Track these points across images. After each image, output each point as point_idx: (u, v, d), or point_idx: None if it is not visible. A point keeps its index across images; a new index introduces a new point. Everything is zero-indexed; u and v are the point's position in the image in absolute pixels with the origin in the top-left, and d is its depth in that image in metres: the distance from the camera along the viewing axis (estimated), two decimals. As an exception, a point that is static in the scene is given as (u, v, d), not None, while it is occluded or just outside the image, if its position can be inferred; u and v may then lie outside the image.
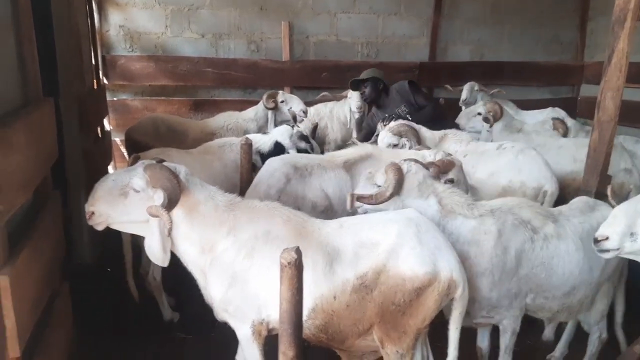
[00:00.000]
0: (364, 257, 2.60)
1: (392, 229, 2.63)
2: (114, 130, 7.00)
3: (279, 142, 4.64)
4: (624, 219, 2.66)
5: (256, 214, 2.79)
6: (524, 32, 8.68)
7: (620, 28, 3.61)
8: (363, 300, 2.61)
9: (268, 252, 2.65)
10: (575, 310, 3.30)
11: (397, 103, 5.51)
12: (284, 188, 3.79)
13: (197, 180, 2.82)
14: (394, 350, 2.65)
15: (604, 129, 3.81)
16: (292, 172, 3.87)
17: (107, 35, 6.93)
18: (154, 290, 4.25)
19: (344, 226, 2.75)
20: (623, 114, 3.86)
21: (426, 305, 2.57)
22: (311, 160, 4.10)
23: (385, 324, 2.61)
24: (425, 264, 2.54)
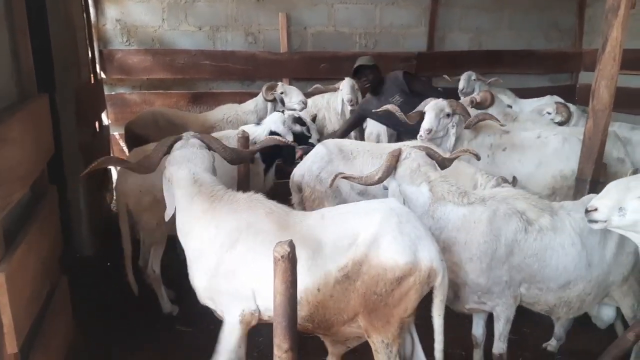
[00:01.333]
0: (345, 249, 2.63)
1: (374, 220, 2.65)
2: (112, 124, 7.01)
3: (273, 131, 4.65)
4: (615, 194, 2.73)
5: (238, 205, 2.83)
6: (522, 19, 8.65)
7: (614, 16, 3.60)
8: (347, 291, 2.65)
9: (252, 244, 2.71)
10: (575, 306, 3.28)
11: (392, 92, 5.49)
12: (325, 166, 4.30)
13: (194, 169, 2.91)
14: (379, 339, 2.69)
15: (599, 117, 3.82)
16: (335, 153, 4.36)
17: (104, 29, 6.91)
18: (153, 283, 4.30)
19: (325, 217, 2.78)
20: (620, 101, 3.88)
21: (408, 294, 2.60)
22: (361, 146, 4.54)
23: (369, 313, 2.65)
24: (406, 253, 2.57)
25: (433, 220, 3.13)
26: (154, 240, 4.24)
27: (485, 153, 4.56)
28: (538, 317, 4.15)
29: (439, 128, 4.49)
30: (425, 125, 4.48)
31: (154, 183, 4.02)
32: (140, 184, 4.04)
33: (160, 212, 4.09)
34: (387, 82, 5.55)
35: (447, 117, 4.51)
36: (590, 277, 3.18)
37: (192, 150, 2.97)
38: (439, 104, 4.54)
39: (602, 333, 3.84)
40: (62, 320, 3.30)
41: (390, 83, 5.50)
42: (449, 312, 3.42)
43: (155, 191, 4.05)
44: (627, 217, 2.68)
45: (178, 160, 2.93)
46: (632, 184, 2.71)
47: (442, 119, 4.50)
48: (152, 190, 4.05)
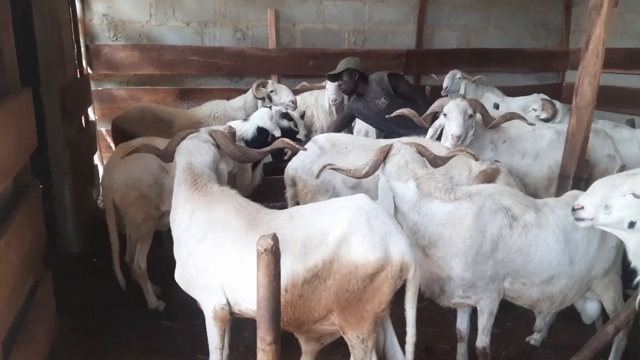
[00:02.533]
0: (314, 249, 2.62)
1: (343, 218, 2.64)
2: (99, 120, 6.97)
3: (261, 127, 4.64)
4: (601, 192, 2.72)
5: (211, 198, 2.86)
6: (510, 18, 8.73)
7: (597, 14, 3.64)
8: (317, 290, 2.64)
9: (220, 239, 2.74)
10: (557, 301, 3.33)
11: (378, 94, 5.46)
12: (317, 160, 4.32)
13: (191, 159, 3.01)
14: (354, 335, 2.69)
15: (582, 114, 3.86)
16: (328, 147, 4.40)
17: (91, 24, 6.87)
18: (139, 278, 4.29)
19: (294, 217, 2.77)
20: (606, 99, 3.92)
21: (381, 289, 2.60)
22: (356, 140, 4.58)
23: (342, 310, 2.64)
24: (377, 250, 2.57)
25: (419, 215, 3.14)
26: (140, 236, 4.23)
27: (489, 147, 4.65)
28: (522, 312, 4.20)
29: (464, 132, 4.34)
30: (455, 132, 4.28)
31: (140, 178, 4.07)
32: (127, 179, 4.05)
33: (147, 207, 4.15)
34: (372, 83, 5.52)
35: (469, 118, 4.40)
36: (572, 272, 3.22)
37: (195, 142, 3.08)
38: (461, 106, 4.36)
39: (584, 327, 3.88)
40: (45, 316, 3.28)
41: (376, 84, 5.47)
42: (434, 307, 3.47)
43: (141, 186, 4.08)
44: (613, 215, 2.68)
45: (181, 150, 3.07)
46: (617, 181, 2.71)
47: (466, 121, 4.38)
48: (138, 186, 4.07)
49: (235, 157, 3.23)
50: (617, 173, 3.00)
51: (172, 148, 3.14)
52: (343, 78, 5.57)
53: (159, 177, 4.15)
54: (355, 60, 5.61)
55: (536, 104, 6.09)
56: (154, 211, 4.21)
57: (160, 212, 4.23)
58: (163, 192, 4.16)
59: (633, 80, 7.54)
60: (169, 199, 4.08)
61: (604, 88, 4.03)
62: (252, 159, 3.52)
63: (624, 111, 7.30)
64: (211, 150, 3.09)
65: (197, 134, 3.15)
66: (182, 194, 2.92)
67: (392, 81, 5.41)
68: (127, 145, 4.23)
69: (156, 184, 4.14)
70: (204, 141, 3.09)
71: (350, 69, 5.51)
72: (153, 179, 4.12)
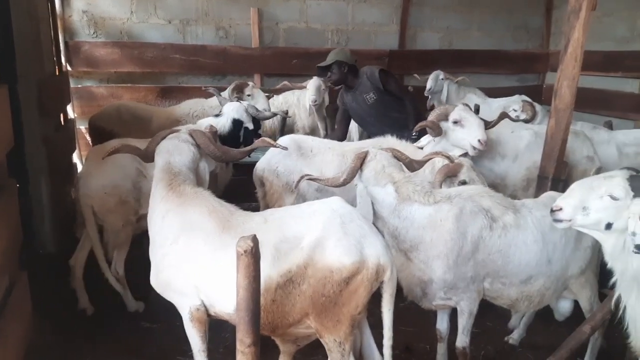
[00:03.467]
0: (288, 253, 2.60)
1: (317, 222, 2.63)
2: (78, 118, 6.87)
3: (237, 119, 4.60)
4: (579, 193, 2.74)
5: (185, 199, 2.84)
6: (492, 20, 8.81)
7: (576, 18, 3.69)
8: (291, 295, 2.62)
9: (192, 241, 2.73)
10: (536, 300, 3.37)
11: (367, 89, 5.44)
12: (282, 160, 4.34)
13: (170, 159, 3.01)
14: (331, 339, 2.67)
15: (561, 116, 3.91)
16: (294, 148, 4.37)
17: (70, 21, 6.77)
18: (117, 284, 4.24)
19: (268, 220, 2.74)
20: (585, 101, 3.97)
21: (357, 292, 2.59)
22: (322, 143, 4.58)
23: (318, 314, 2.63)
24: (352, 253, 2.55)
25: (399, 219, 3.15)
26: (118, 242, 4.19)
27: None
28: (501, 312, 4.25)
29: None
30: (484, 136, 4.20)
31: (119, 184, 4.02)
32: (105, 185, 3.98)
33: (126, 212, 4.11)
34: (362, 76, 5.47)
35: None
36: (550, 272, 3.27)
37: (175, 142, 3.06)
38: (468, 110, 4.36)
39: (561, 327, 3.94)
40: (21, 316, 3.22)
41: (366, 78, 5.43)
42: (414, 307, 3.48)
43: (120, 192, 4.03)
44: (591, 217, 2.70)
45: (161, 150, 3.05)
46: (594, 183, 2.74)
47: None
48: (117, 192, 4.01)
49: (216, 157, 3.22)
50: (594, 175, 3.03)
51: (152, 148, 3.10)
52: (332, 70, 5.54)
53: (137, 182, 4.09)
54: (344, 52, 5.56)
55: (516, 105, 6.15)
56: (133, 216, 4.16)
57: (138, 216, 4.18)
58: (141, 197, 4.10)
59: (611, 82, 7.67)
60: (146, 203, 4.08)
61: (582, 90, 4.08)
62: (233, 158, 3.51)
63: (603, 113, 7.44)
64: (190, 150, 3.07)
65: (177, 134, 3.12)
66: (158, 193, 2.91)
67: (382, 77, 5.38)
68: (100, 149, 4.17)
69: (134, 188, 4.08)
70: (184, 141, 3.08)
71: (339, 61, 5.47)
72: (131, 184, 4.07)
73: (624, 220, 2.58)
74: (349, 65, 5.50)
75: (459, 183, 3.75)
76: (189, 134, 3.15)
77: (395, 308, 2.77)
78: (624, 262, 2.65)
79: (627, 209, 2.56)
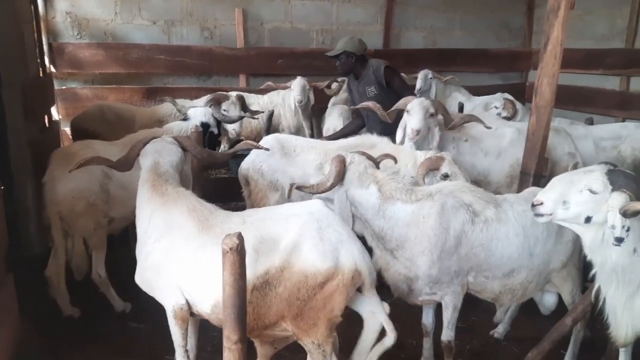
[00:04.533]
0: (265, 255, 2.62)
1: (294, 226, 2.65)
2: (63, 119, 6.82)
3: (205, 122, 4.72)
4: (559, 188, 2.80)
5: (167, 199, 2.87)
6: (474, 19, 8.91)
7: (555, 17, 3.75)
8: (267, 297, 2.63)
9: (173, 240, 2.76)
10: (519, 294, 3.44)
11: (370, 82, 5.43)
12: (266, 160, 4.38)
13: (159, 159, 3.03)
14: (309, 341, 2.69)
15: (541, 113, 3.97)
16: (277, 147, 4.41)
17: (54, 22, 6.73)
18: (101, 286, 4.24)
19: (246, 222, 2.76)
20: (566, 98, 4.02)
21: (332, 297, 2.61)
22: (305, 142, 4.61)
23: (294, 317, 2.65)
24: (327, 259, 2.57)
25: (384, 220, 3.19)
26: (94, 244, 4.17)
27: (451, 145, 4.71)
28: (486, 306, 4.32)
29: (424, 128, 4.43)
30: (415, 126, 4.36)
31: (86, 187, 3.96)
32: (72, 190, 3.93)
33: (96, 216, 4.06)
34: (369, 68, 5.45)
35: (431, 117, 4.47)
36: (532, 265, 3.34)
37: (163, 144, 3.11)
38: (424, 104, 4.44)
39: (545, 320, 4.00)
40: (8, 318, 3.22)
41: (372, 71, 5.43)
42: (400, 303, 3.51)
43: (88, 195, 3.97)
44: (571, 210, 2.75)
45: (148, 152, 3.07)
46: (574, 178, 2.80)
47: (427, 119, 4.44)
48: (85, 195, 3.96)
49: (203, 159, 3.28)
50: (571, 170, 3.10)
51: (133, 154, 3.10)
52: (340, 59, 5.57)
53: (104, 184, 4.04)
54: (353, 42, 5.54)
55: (498, 102, 6.23)
56: (103, 219, 4.13)
57: (108, 219, 4.16)
58: (109, 199, 4.08)
59: (593, 80, 7.79)
60: (117, 206, 4.09)
61: (563, 88, 4.15)
62: (218, 160, 3.57)
63: (585, 110, 7.56)
64: (179, 151, 3.12)
65: (162, 138, 3.16)
66: (145, 194, 2.93)
67: (387, 74, 5.37)
68: (64, 152, 4.17)
69: (102, 191, 4.04)
70: (171, 143, 3.12)
71: (348, 51, 5.49)
72: (99, 186, 4.02)
73: (603, 213, 2.64)
74: (357, 55, 5.51)
75: (442, 176, 3.82)
76: (174, 139, 3.19)
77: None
78: (603, 254, 2.72)
79: (605, 203, 2.63)
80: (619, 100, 7.38)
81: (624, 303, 2.78)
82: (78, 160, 3.44)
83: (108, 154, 3.42)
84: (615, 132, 5.53)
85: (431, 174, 3.87)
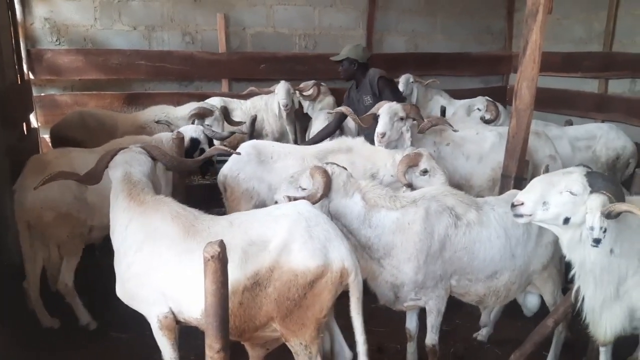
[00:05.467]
0: (254, 256, 2.62)
1: (283, 226, 2.66)
2: (42, 126, 6.73)
3: (195, 138, 4.67)
4: (539, 189, 2.82)
5: (147, 207, 2.83)
6: (455, 23, 8.98)
7: (533, 21, 3.80)
8: (257, 297, 2.64)
9: (157, 247, 2.72)
10: (502, 295, 3.47)
11: (366, 91, 5.46)
12: (243, 167, 4.34)
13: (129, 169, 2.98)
14: (297, 342, 2.70)
15: (521, 116, 4.01)
16: (253, 155, 4.38)
17: (32, 28, 6.64)
18: (67, 296, 4.12)
19: (234, 224, 2.75)
20: (546, 101, 4.06)
21: (321, 296, 2.63)
22: (282, 148, 4.57)
23: (283, 318, 2.65)
24: (317, 257, 2.59)
25: (371, 229, 3.18)
26: (66, 252, 4.06)
27: (432, 149, 4.70)
28: (469, 310, 4.33)
29: (392, 132, 4.44)
30: (380, 130, 4.41)
31: (57, 197, 3.86)
32: (42, 200, 3.81)
33: (70, 225, 3.96)
34: (367, 77, 5.47)
35: (400, 120, 4.49)
36: (514, 266, 3.37)
37: (131, 154, 3.06)
38: (392, 108, 4.50)
39: (528, 322, 4.03)
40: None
41: (368, 81, 5.46)
42: (384, 307, 3.52)
43: (59, 206, 3.88)
44: (551, 211, 2.78)
45: (117, 163, 3.01)
46: (554, 179, 2.83)
47: (396, 123, 4.46)
48: (55, 206, 3.87)
49: (173, 166, 3.28)
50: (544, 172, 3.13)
51: (101, 167, 3.05)
52: (343, 65, 5.60)
53: (80, 193, 3.94)
54: (357, 49, 5.57)
55: (481, 104, 6.27)
56: (80, 228, 4.03)
57: (88, 227, 4.07)
58: (88, 208, 3.99)
59: (573, 83, 7.90)
60: (97, 214, 3.98)
61: (543, 90, 4.19)
62: (188, 167, 3.58)
63: (564, 112, 7.65)
64: (148, 160, 3.09)
65: (129, 148, 3.11)
66: (120, 204, 2.88)
67: (380, 84, 5.39)
68: (38, 160, 4.08)
69: (77, 200, 3.94)
70: (140, 153, 3.09)
71: (351, 58, 5.53)
72: (72, 196, 3.91)
73: (581, 214, 2.67)
74: (359, 63, 5.55)
75: (421, 172, 3.92)
76: (142, 148, 3.15)
77: (366, 309, 2.81)
78: (581, 254, 2.75)
79: (583, 204, 2.66)
80: (597, 103, 7.48)
81: (602, 302, 2.82)
82: (52, 168, 3.40)
83: (86, 162, 3.36)
84: (589, 132, 5.65)
85: (410, 170, 3.94)
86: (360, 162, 4.31)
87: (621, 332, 2.92)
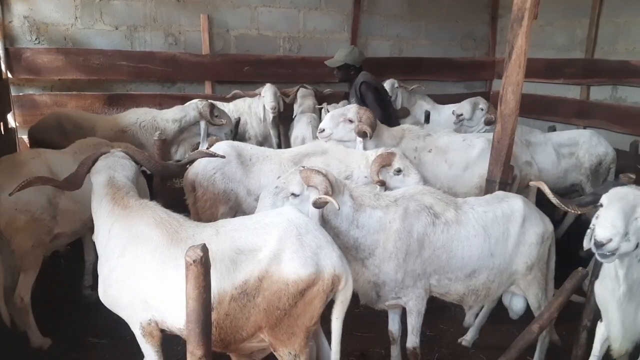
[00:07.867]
0: (242, 265, 2.55)
1: (273, 234, 2.59)
2: (20, 127, 6.56)
3: None
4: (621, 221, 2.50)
5: (130, 212, 2.77)
6: (439, 29, 9.03)
7: (519, 26, 3.81)
8: (245, 308, 2.57)
9: (140, 253, 2.65)
10: (482, 294, 3.48)
11: (353, 94, 5.53)
12: (221, 167, 4.18)
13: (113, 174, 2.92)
14: (286, 352, 2.64)
15: (506, 121, 4.02)
16: (234, 155, 4.24)
17: (10, 27, 6.47)
18: (21, 312, 3.80)
19: (220, 233, 2.67)
20: (530, 107, 4.07)
21: (312, 304, 2.58)
22: (260, 151, 4.46)
23: (272, 328, 2.60)
24: (308, 265, 2.54)
25: (359, 229, 3.16)
26: (26, 265, 3.76)
27: (412, 155, 4.65)
28: (454, 314, 4.33)
29: (337, 130, 4.56)
30: (320, 125, 4.65)
31: (32, 200, 3.67)
32: (16, 202, 3.55)
33: (37, 232, 3.74)
34: (356, 82, 5.53)
35: (349, 122, 4.51)
36: (493, 265, 3.39)
37: (114, 159, 3.00)
38: (344, 109, 4.64)
39: (513, 327, 4.04)
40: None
41: (355, 85, 5.51)
42: (369, 312, 3.50)
43: (33, 209, 3.69)
44: (632, 242, 2.53)
45: (100, 169, 2.95)
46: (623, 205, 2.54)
47: (342, 123, 4.53)
48: (30, 209, 3.66)
49: (156, 171, 3.21)
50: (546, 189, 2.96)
51: (82, 173, 2.97)
52: (340, 70, 5.63)
53: (53, 198, 3.78)
54: (353, 54, 5.60)
55: (484, 105, 6.22)
56: (45, 236, 3.81)
57: (52, 235, 3.87)
58: (57, 214, 3.82)
59: (555, 89, 7.99)
60: (64, 221, 3.88)
61: (528, 96, 4.21)
62: (172, 172, 3.53)
63: (547, 118, 7.75)
64: (132, 165, 3.04)
65: (111, 153, 3.04)
66: (104, 209, 2.81)
67: (362, 90, 5.45)
68: (11, 161, 3.85)
69: (50, 205, 3.77)
70: (122, 157, 3.03)
71: (348, 64, 5.57)
72: (46, 200, 3.74)
73: None
74: (355, 68, 5.61)
75: (395, 171, 3.95)
76: (125, 152, 3.10)
77: (350, 314, 2.78)
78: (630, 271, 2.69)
79: None
80: (579, 109, 7.58)
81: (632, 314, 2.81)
82: (26, 169, 3.28)
83: (60, 163, 3.26)
84: (572, 139, 5.71)
85: (384, 170, 3.95)
86: (334, 164, 4.27)
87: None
